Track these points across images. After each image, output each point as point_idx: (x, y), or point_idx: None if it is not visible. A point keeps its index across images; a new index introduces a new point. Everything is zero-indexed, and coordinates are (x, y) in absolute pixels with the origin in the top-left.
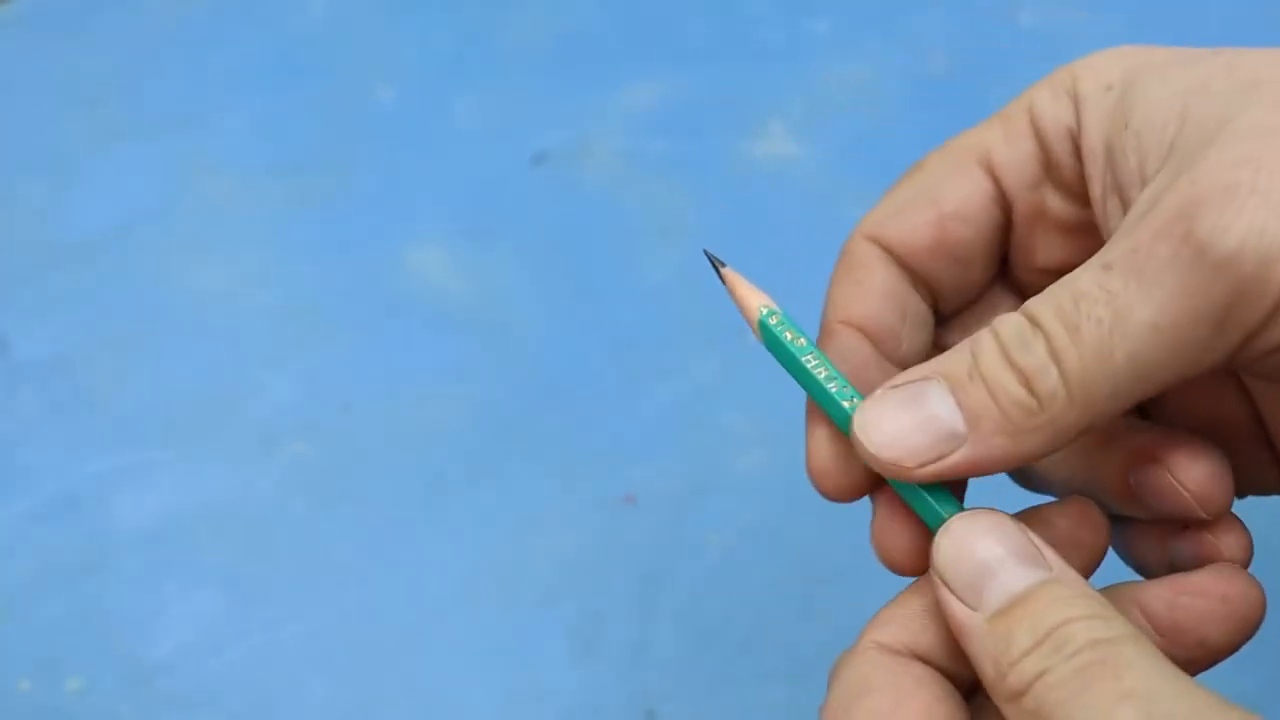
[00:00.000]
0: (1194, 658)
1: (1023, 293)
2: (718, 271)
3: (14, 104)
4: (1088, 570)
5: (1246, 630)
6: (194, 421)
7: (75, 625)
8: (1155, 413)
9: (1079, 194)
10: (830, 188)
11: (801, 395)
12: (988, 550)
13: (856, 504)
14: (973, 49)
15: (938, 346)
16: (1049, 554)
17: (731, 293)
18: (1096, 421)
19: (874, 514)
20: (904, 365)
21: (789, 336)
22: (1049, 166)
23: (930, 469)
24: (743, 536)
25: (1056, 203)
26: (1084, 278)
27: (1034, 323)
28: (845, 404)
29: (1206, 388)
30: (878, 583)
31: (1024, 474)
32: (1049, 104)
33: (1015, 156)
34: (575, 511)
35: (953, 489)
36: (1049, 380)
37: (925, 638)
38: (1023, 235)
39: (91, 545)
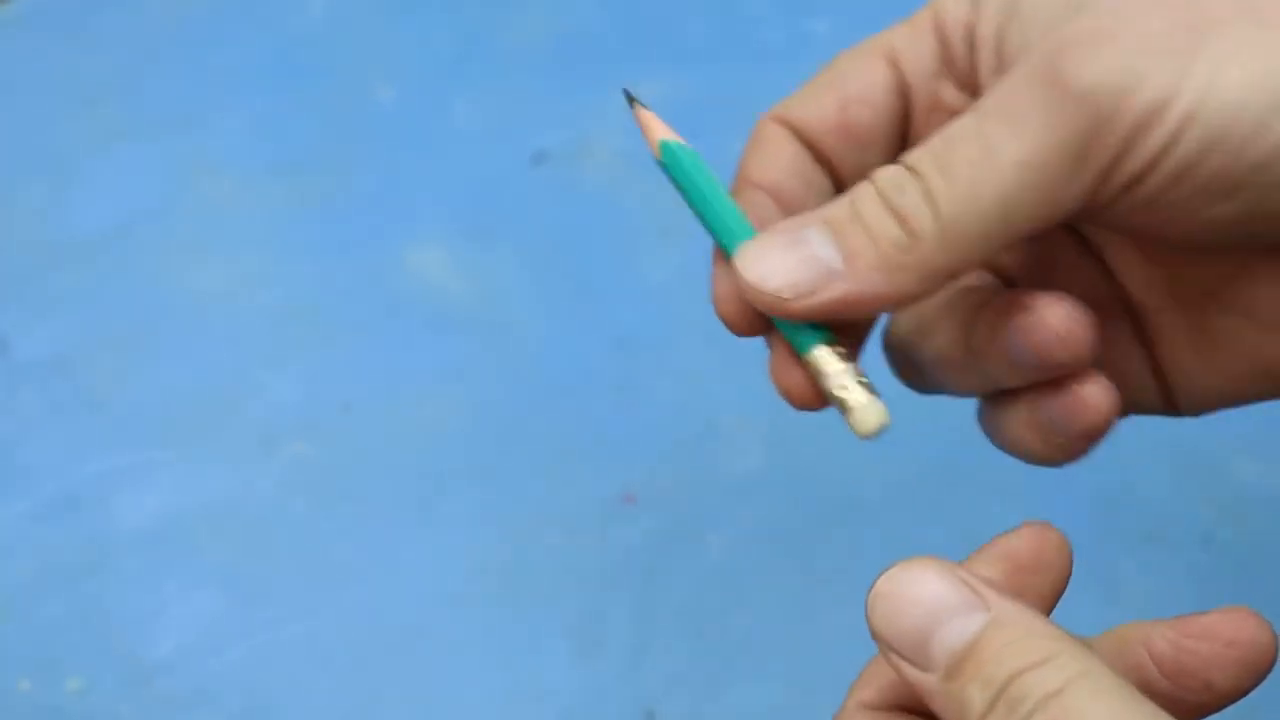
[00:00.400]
0: (1201, 701)
1: None
2: (632, 108)
3: (14, 104)
4: (1057, 590)
5: (1255, 675)
6: (194, 421)
7: (75, 625)
8: None
9: (973, 86)
10: None
11: None
12: (921, 606)
13: (855, 505)
14: None
15: None
16: (985, 592)
17: (642, 127)
18: (966, 263)
19: (770, 352)
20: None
21: (692, 171)
22: (947, 60)
23: (807, 302)
24: (743, 536)
25: (952, 94)
26: (958, 123)
27: (910, 169)
28: (740, 234)
29: (1079, 279)
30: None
31: (907, 361)
32: (952, 4)
33: (917, 50)
34: (575, 511)
35: (849, 344)
36: (923, 219)
37: (908, 689)
38: (921, 124)
39: (91, 545)
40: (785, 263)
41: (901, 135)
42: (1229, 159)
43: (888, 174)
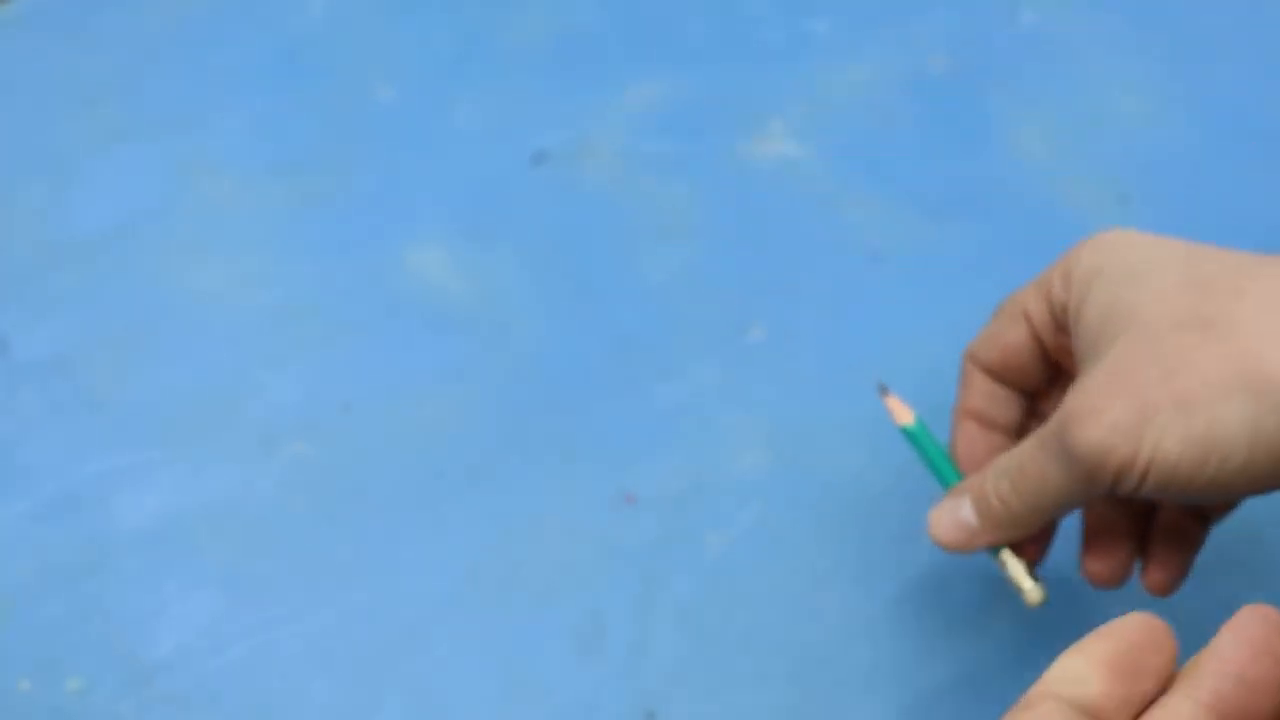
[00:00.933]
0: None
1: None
2: (882, 394)
3: (14, 104)
4: (1169, 671)
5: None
6: (194, 421)
7: (75, 625)
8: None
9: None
10: (830, 188)
11: (799, 397)
12: None
13: (855, 504)
14: (973, 49)
15: (1034, 414)
16: None
17: (891, 413)
18: (1044, 521)
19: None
20: (1003, 430)
21: (923, 441)
22: (1058, 320)
23: (966, 548)
24: (743, 536)
25: (1067, 341)
26: (1027, 445)
27: (1006, 467)
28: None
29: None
30: (877, 583)
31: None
32: (1056, 284)
33: (1039, 311)
34: (575, 511)
35: (1038, 552)
36: (1013, 503)
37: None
38: (1057, 355)
39: (91, 545)
40: (950, 526)
41: (1049, 361)
42: (1181, 490)
43: (999, 467)
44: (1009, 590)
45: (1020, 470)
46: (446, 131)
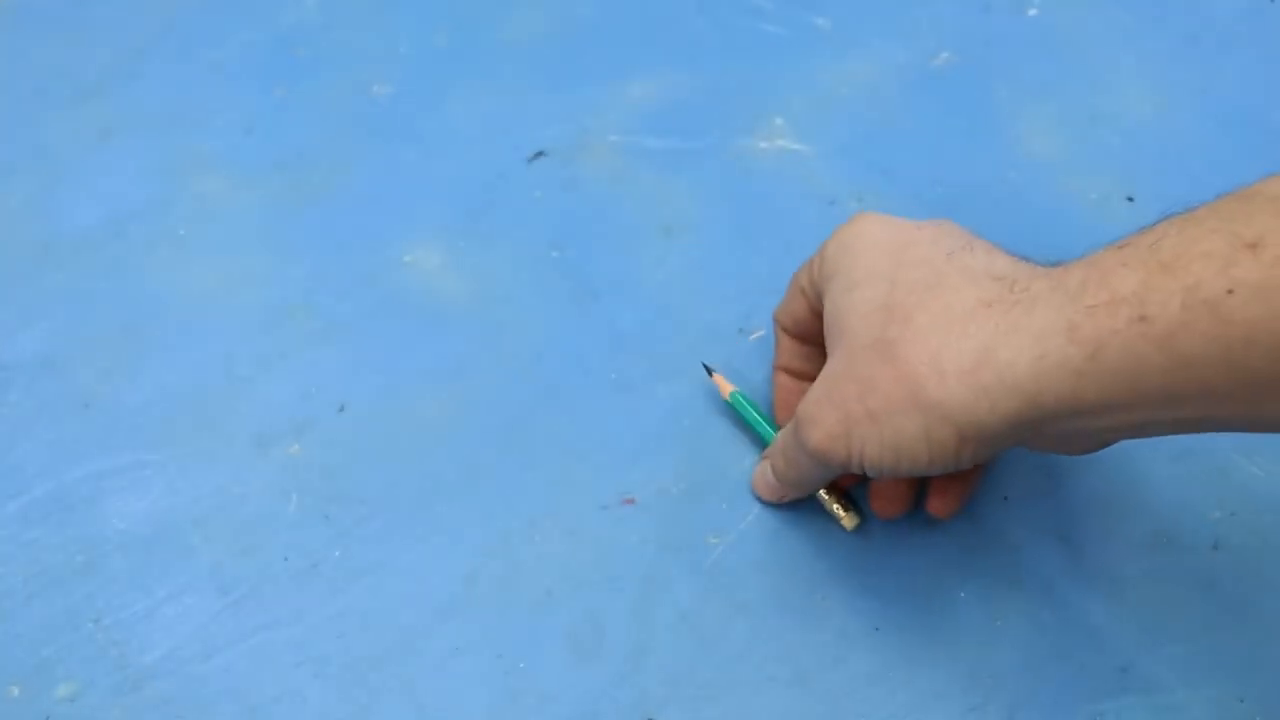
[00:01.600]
0: None
1: None
2: (709, 374)
3: (6, 99)
4: None
5: None
6: (187, 422)
7: (65, 629)
8: None
9: None
10: (833, 184)
11: None
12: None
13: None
14: (977, 43)
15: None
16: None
17: (719, 388)
18: (813, 486)
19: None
20: (811, 379)
21: (745, 408)
22: (820, 300)
23: (777, 501)
24: (742, 539)
25: None
26: (786, 431)
27: (779, 445)
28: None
29: None
30: (877, 586)
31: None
32: (815, 270)
33: (810, 290)
34: (574, 513)
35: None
36: (787, 473)
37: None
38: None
39: (82, 548)
40: (763, 486)
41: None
42: (893, 476)
43: (776, 442)
44: (1010, 590)
45: (783, 450)
46: (443, 128)
